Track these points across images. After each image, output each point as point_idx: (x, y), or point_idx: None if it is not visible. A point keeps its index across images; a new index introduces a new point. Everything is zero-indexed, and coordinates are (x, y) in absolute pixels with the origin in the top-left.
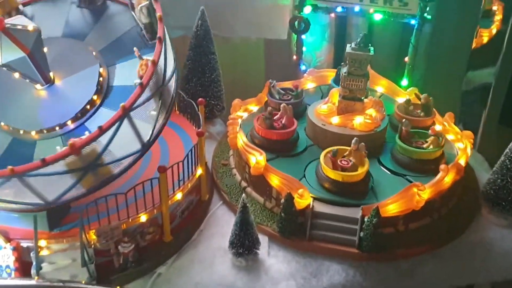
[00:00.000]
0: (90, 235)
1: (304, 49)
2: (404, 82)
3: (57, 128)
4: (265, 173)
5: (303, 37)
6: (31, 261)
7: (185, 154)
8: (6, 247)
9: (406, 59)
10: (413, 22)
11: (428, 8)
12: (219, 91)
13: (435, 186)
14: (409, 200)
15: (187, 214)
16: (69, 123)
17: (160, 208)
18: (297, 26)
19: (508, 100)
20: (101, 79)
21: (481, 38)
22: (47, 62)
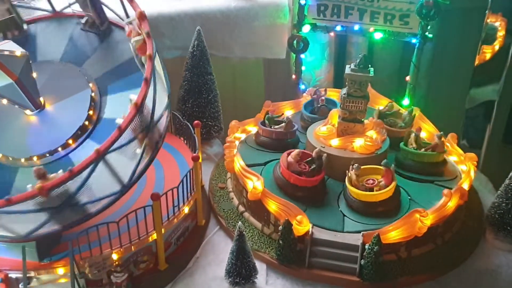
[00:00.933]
0: (81, 265)
1: (303, 68)
2: (406, 101)
3: (47, 154)
4: (263, 198)
5: (302, 56)
6: None
7: (181, 179)
8: None
9: (408, 78)
10: (414, 41)
11: (429, 27)
12: (217, 111)
13: (438, 212)
14: (411, 226)
15: (183, 241)
16: (59, 149)
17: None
18: (295, 45)
19: None
20: (92, 104)
21: (484, 55)
22: (36, 87)
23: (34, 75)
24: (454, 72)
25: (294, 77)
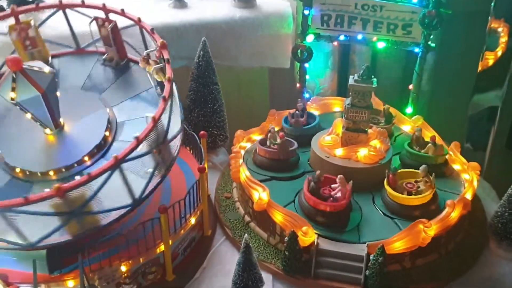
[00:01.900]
0: (90, 277)
1: (307, 77)
2: (409, 109)
3: (63, 170)
4: (269, 209)
5: (306, 65)
6: None
7: (187, 191)
8: None
9: (411, 86)
10: (417, 50)
11: (432, 36)
12: (222, 121)
13: (442, 222)
14: (415, 237)
15: (190, 251)
16: (75, 165)
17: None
18: (300, 54)
19: None
20: (109, 126)
21: (486, 61)
22: (58, 106)
23: (58, 93)
24: (457, 78)
25: (298, 85)
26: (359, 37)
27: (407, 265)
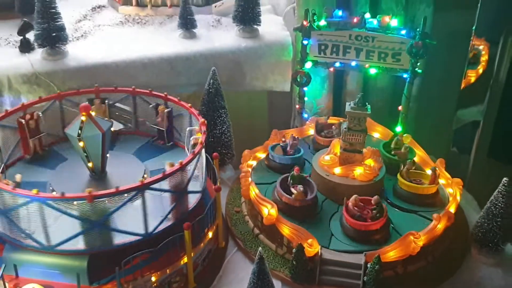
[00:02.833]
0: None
1: (306, 99)
2: (398, 128)
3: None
4: (277, 223)
5: (305, 89)
6: None
7: (206, 209)
8: None
9: (400, 107)
10: (405, 76)
11: (418, 63)
12: (229, 140)
13: (429, 234)
14: (407, 247)
15: (208, 262)
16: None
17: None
18: (299, 79)
19: (495, 135)
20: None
21: (469, 78)
22: (108, 154)
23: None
24: (441, 95)
25: (297, 106)
26: (353, 64)
27: (399, 271)
